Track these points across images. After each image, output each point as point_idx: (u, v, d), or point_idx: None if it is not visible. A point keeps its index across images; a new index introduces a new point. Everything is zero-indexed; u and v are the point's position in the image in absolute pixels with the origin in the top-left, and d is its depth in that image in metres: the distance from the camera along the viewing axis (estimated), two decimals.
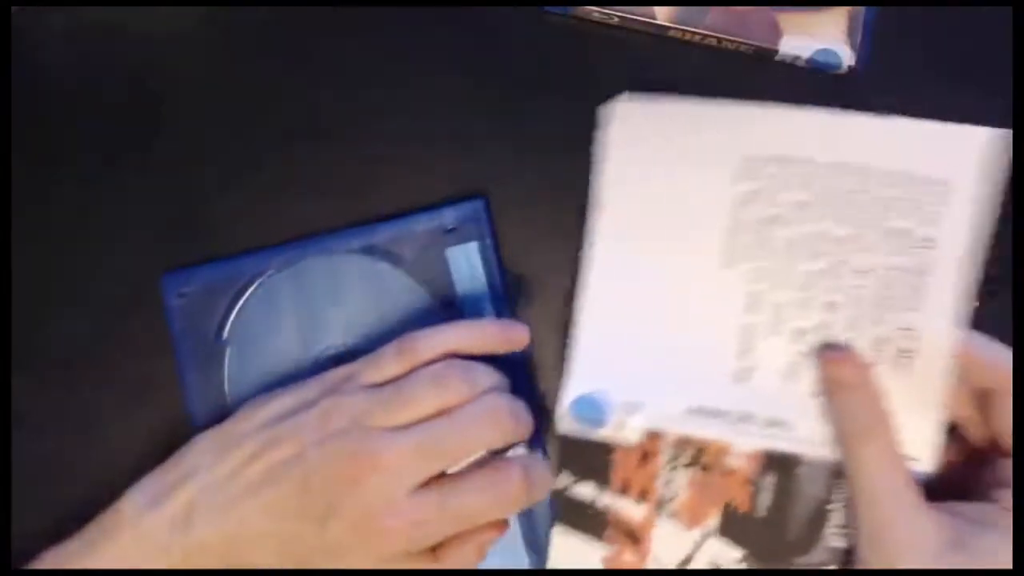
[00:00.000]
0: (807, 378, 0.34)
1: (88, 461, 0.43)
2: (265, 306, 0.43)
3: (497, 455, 0.36)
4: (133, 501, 0.36)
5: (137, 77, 0.46)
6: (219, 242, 0.44)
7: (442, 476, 0.34)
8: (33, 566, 0.36)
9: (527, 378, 0.42)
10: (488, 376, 0.35)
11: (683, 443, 0.37)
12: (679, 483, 0.37)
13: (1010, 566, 0.30)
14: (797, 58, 0.44)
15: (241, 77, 0.46)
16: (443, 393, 0.34)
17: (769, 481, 0.36)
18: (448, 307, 0.42)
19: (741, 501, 0.36)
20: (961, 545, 0.30)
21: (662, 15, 0.44)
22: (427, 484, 0.34)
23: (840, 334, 0.34)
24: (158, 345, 0.43)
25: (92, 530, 0.36)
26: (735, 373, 0.35)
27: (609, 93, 0.45)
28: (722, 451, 0.36)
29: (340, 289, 0.43)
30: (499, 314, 0.42)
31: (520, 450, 0.36)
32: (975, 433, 0.35)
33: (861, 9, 0.44)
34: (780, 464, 0.36)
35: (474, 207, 0.43)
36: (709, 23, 0.44)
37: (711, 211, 0.35)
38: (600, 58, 0.45)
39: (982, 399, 0.34)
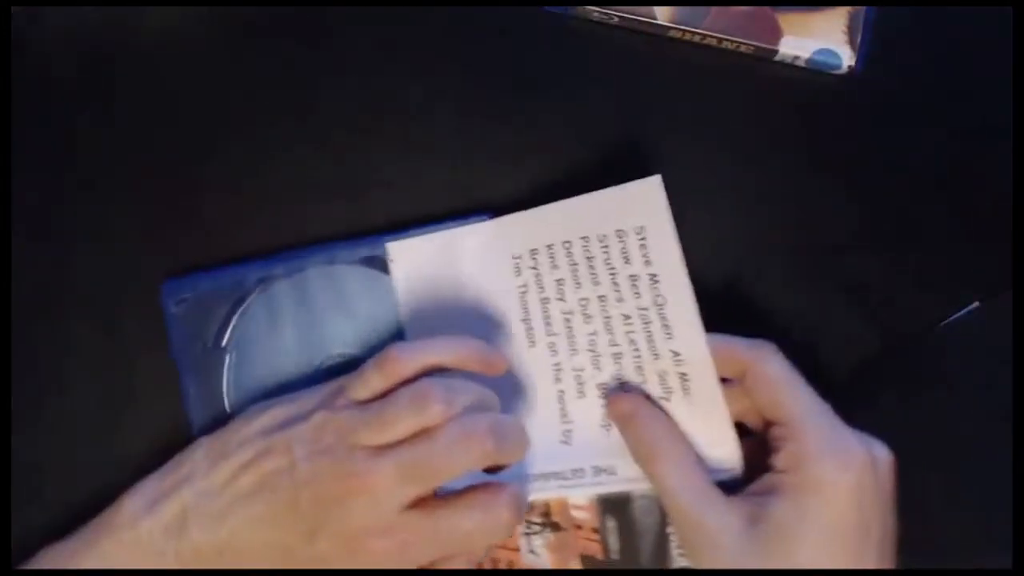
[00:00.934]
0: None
1: (88, 462, 0.43)
2: (266, 314, 0.43)
3: (492, 472, 0.36)
4: (131, 504, 0.36)
5: (137, 77, 0.46)
6: (220, 248, 0.44)
7: (434, 497, 0.35)
8: (30, 563, 0.36)
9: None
10: (469, 395, 0.35)
11: (531, 508, 0.41)
12: (539, 548, 0.41)
13: (798, 522, 0.32)
14: (797, 58, 0.44)
15: (241, 78, 0.46)
16: (422, 413, 0.34)
17: (611, 525, 0.41)
18: None
19: (595, 550, 0.41)
20: (755, 518, 0.33)
21: (662, 15, 0.44)
22: (417, 505, 0.34)
23: (633, 378, 0.39)
24: (158, 350, 0.43)
25: (90, 531, 0.36)
26: (561, 436, 0.39)
27: (610, 93, 0.45)
28: (565, 506, 0.41)
29: (342, 299, 0.43)
30: None
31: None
32: (754, 421, 0.37)
33: (861, 9, 0.44)
34: (615, 506, 0.41)
35: (479, 221, 0.43)
36: (709, 23, 0.44)
37: (504, 307, 0.41)
38: (600, 58, 0.45)
39: (742, 386, 0.36)
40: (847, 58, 0.44)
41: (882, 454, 0.34)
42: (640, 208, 0.39)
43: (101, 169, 0.45)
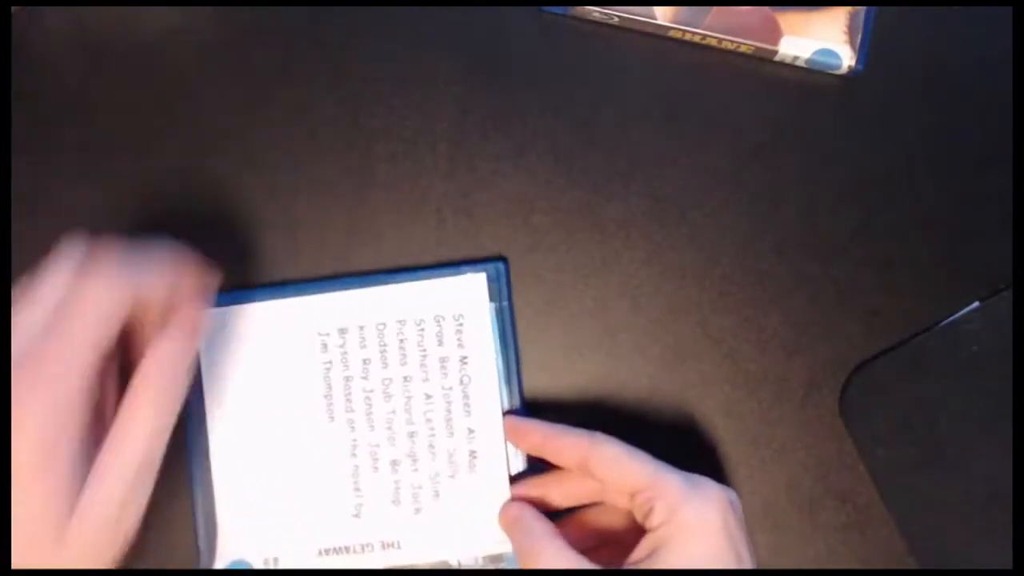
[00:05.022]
0: (407, 502, 0.42)
1: None
2: None
3: None
4: None
5: (138, 78, 0.46)
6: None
7: None
8: None
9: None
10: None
11: None
12: None
13: (686, 564, 0.34)
14: (797, 58, 0.44)
15: (242, 77, 0.46)
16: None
17: None
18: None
19: None
20: None
21: (662, 15, 0.44)
22: None
23: (424, 455, 0.42)
24: None
25: None
26: (352, 510, 0.42)
27: (610, 93, 0.45)
28: None
29: None
30: (508, 378, 0.42)
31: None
32: (618, 499, 0.38)
33: (861, 9, 0.44)
34: None
35: (495, 268, 0.43)
36: (709, 23, 0.44)
37: (307, 382, 0.42)
38: (600, 58, 0.45)
39: (586, 470, 0.38)
40: (847, 58, 0.44)
41: (732, 494, 0.37)
42: (462, 298, 0.42)
43: (102, 170, 0.45)
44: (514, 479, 0.41)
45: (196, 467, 0.42)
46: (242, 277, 0.44)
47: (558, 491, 0.40)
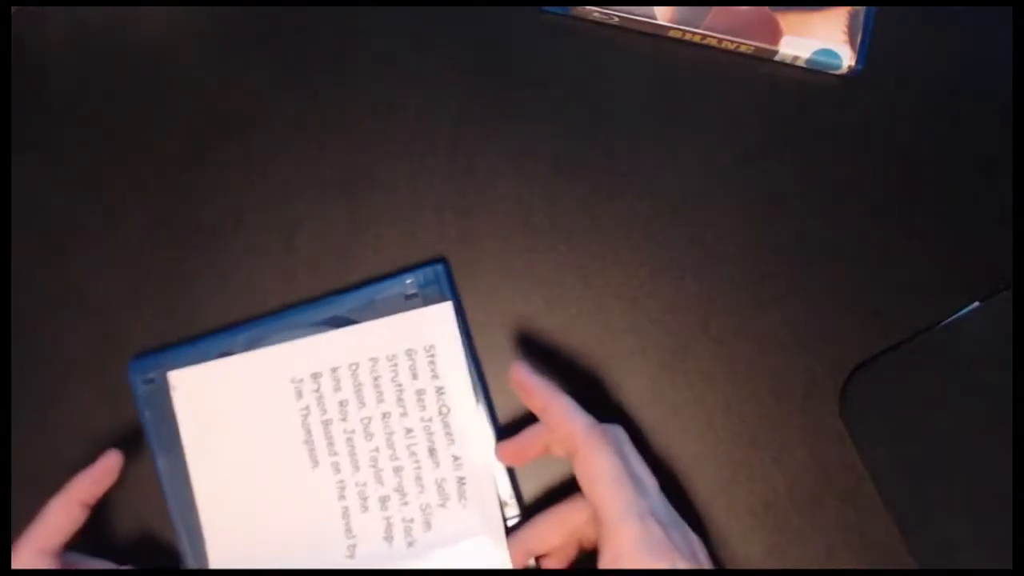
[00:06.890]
0: (399, 536, 0.42)
1: (86, 462, 0.43)
2: None
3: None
4: None
5: (137, 78, 0.46)
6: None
7: None
8: None
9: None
10: None
11: None
12: None
13: None
14: (797, 58, 0.44)
15: (242, 78, 0.46)
16: None
17: None
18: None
19: None
20: None
21: (662, 15, 0.44)
22: None
23: (412, 489, 0.42)
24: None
25: None
26: (346, 551, 0.42)
27: (610, 93, 0.45)
28: None
29: None
30: (471, 367, 0.42)
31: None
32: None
33: (861, 9, 0.44)
34: None
35: (434, 271, 0.43)
36: (709, 23, 0.44)
37: (286, 429, 0.42)
38: (600, 58, 0.45)
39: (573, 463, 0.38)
40: (847, 58, 0.44)
41: (693, 536, 0.37)
42: (431, 329, 0.42)
43: (101, 171, 0.45)
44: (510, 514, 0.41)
45: (183, 526, 0.42)
46: (241, 275, 0.44)
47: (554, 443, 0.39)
